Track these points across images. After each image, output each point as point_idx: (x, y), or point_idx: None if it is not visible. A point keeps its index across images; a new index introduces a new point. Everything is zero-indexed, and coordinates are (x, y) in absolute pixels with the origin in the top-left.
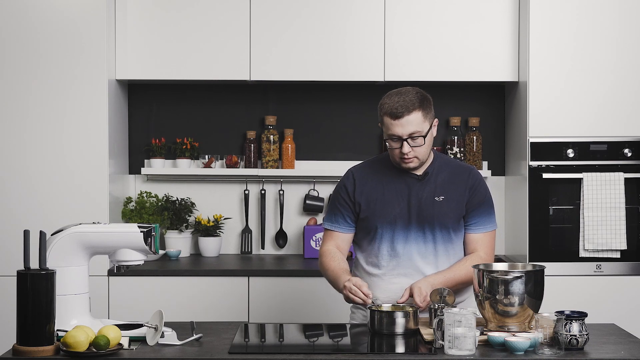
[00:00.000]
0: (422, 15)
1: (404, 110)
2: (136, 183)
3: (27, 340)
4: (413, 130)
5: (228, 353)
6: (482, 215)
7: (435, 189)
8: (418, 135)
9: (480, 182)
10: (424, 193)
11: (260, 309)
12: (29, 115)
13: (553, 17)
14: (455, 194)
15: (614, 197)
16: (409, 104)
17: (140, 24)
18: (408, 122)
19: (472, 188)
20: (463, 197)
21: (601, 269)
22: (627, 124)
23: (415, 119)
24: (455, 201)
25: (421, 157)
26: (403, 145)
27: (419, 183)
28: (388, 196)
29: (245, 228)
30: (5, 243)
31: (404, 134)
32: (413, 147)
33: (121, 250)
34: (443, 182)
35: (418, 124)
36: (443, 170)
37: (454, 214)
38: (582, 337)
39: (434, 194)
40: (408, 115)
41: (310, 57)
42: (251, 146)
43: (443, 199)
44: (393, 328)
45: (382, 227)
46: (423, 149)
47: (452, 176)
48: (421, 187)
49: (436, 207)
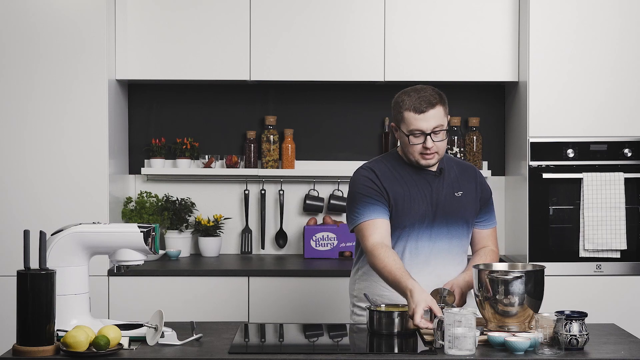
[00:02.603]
0: (422, 15)
1: (427, 104)
2: (136, 183)
3: (27, 340)
4: (436, 124)
5: (228, 353)
6: (490, 211)
7: (452, 184)
8: (440, 130)
9: (483, 179)
10: (444, 189)
11: (260, 309)
12: (29, 115)
13: (553, 17)
14: (469, 189)
15: (614, 197)
16: (431, 99)
17: (140, 24)
18: (432, 117)
19: (481, 184)
20: (477, 192)
21: (601, 269)
22: (627, 124)
23: (438, 113)
24: (471, 197)
25: (441, 152)
26: (426, 140)
27: (436, 179)
28: (414, 193)
29: (245, 228)
30: (5, 243)
31: (428, 128)
32: (435, 141)
33: (121, 250)
34: (456, 178)
35: (440, 118)
36: (452, 167)
37: (473, 208)
38: (582, 337)
39: (453, 190)
40: (432, 109)
41: (310, 57)
42: (251, 146)
43: (462, 194)
44: (392, 328)
45: (411, 225)
46: (443, 144)
47: (462, 172)
48: (439, 183)
49: (456, 203)
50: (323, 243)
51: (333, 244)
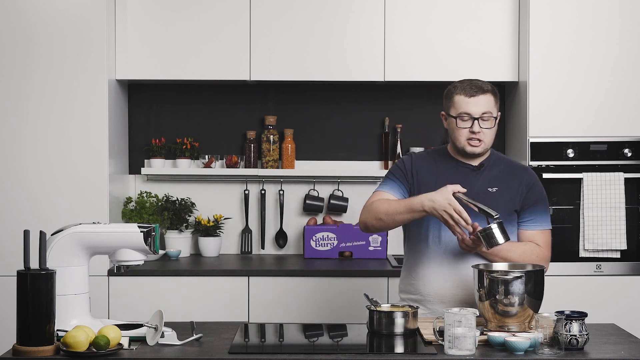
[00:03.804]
0: (422, 15)
1: (478, 89)
2: (136, 183)
3: (27, 340)
4: (485, 110)
5: (228, 353)
6: (538, 212)
7: (490, 180)
8: (489, 117)
9: (537, 181)
10: (478, 183)
11: (260, 309)
12: (29, 115)
13: (553, 17)
14: (509, 188)
15: (614, 197)
16: (483, 86)
17: (140, 24)
18: (482, 102)
19: (529, 185)
20: (518, 192)
21: (601, 269)
22: (627, 124)
23: (488, 101)
24: (508, 195)
25: (487, 142)
26: (474, 124)
27: (473, 173)
28: (441, 182)
29: (245, 228)
30: (5, 243)
31: (476, 112)
32: (482, 128)
33: (121, 250)
34: (498, 175)
35: (490, 106)
36: (498, 165)
37: (506, 206)
38: (582, 337)
39: (488, 185)
40: (483, 95)
41: (310, 57)
42: (251, 146)
43: (496, 190)
44: (392, 328)
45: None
46: (490, 133)
47: (508, 171)
48: (475, 177)
49: (488, 198)
50: (323, 243)
51: (333, 244)
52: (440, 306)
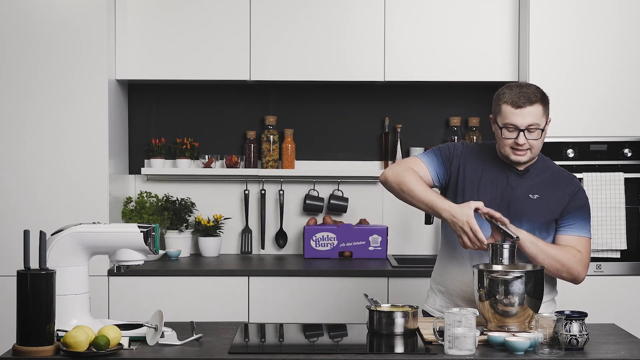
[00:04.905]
0: (422, 15)
1: (526, 100)
2: (136, 183)
3: (27, 340)
4: (532, 122)
5: (228, 353)
6: (577, 218)
7: (532, 187)
8: (535, 128)
9: (581, 190)
10: (520, 188)
11: (260, 309)
12: (29, 115)
13: (553, 17)
14: (552, 196)
15: (614, 197)
16: (531, 96)
17: (140, 24)
18: (529, 113)
19: (572, 194)
20: (560, 201)
21: (601, 269)
22: (627, 124)
23: (535, 112)
24: (550, 204)
25: (534, 151)
26: (519, 136)
27: (517, 177)
28: (484, 180)
29: (245, 228)
30: (5, 243)
31: (522, 124)
32: (528, 139)
33: (121, 250)
34: (542, 182)
35: (537, 117)
36: (544, 172)
37: (546, 215)
38: (582, 337)
39: (530, 192)
40: (530, 106)
41: (310, 57)
42: (251, 146)
43: (537, 197)
44: (392, 328)
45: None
46: (538, 143)
47: (553, 179)
48: (519, 182)
49: (528, 204)
50: (323, 243)
51: (333, 244)
52: (463, 303)
